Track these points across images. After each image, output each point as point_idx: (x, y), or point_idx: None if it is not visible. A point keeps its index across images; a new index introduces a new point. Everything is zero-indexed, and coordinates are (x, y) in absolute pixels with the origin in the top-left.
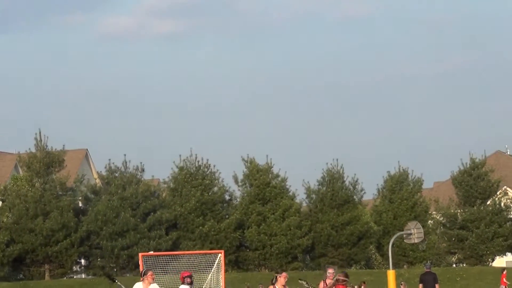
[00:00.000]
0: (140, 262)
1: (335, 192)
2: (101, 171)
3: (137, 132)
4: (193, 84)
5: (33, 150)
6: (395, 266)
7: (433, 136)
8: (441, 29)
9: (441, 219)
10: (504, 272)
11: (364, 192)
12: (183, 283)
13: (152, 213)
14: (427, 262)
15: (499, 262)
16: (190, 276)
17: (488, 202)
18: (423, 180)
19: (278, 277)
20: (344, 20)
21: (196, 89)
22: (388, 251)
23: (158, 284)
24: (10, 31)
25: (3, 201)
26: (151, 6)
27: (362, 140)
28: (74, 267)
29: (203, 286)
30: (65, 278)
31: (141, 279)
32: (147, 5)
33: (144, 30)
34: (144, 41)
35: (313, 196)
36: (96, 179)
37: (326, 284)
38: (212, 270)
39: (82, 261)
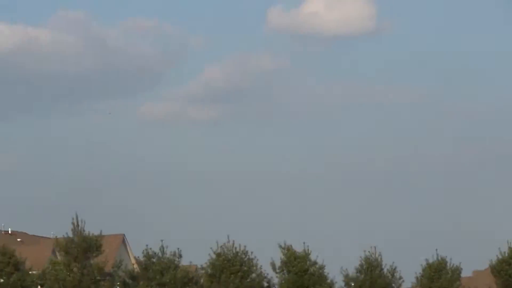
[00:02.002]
0: None
1: (373, 280)
2: (138, 256)
3: (174, 218)
4: (228, 169)
5: (70, 235)
6: None
7: (470, 222)
8: None
9: None
10: None
11: (403, 280)
12: None
13: None
14: None
15: None
16: None
17: None
18: (461, 269)
19: None
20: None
21: (231, 175)
22: None
23: None
24: (49, 115)
25: (41, 285)
26: (189, 94)
27: (400, 226)
28: None
29: None
30: None
31: None
32: (185, 93)
33: (182, 116)
34: (180, 126)
35: (352, 284)
36: (133, 264)
37: None
38: None
39: None
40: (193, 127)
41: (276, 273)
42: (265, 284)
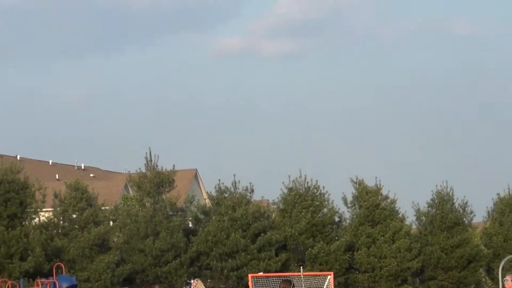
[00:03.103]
0: (250, 283)
1: (444, 215)
2: (210, 192)
3: (247, 152)
4: (301, 104)
5: (143, 170)
6: None
7: None
8: None
9: None
10: None
11: (474, 215)
12: None
13: (262, 234)
14: None
15: None
16: None
17: None
18: None
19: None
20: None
21: (301, 109)
22: (498, 274)
23: None
24: (122, 51)
25: (114, 221)
26: (265, 26)
27: (472, 161)
28: None
29: None
30: None
31: None
32: (260, 25)
33: (258, 50)
34: (257, 60)
35: (423, 218)
36: (206, 199)
37: None
38: None
39: (192, 281)
40: (268, 61)
41: (348, 207)
42: (337, 219)
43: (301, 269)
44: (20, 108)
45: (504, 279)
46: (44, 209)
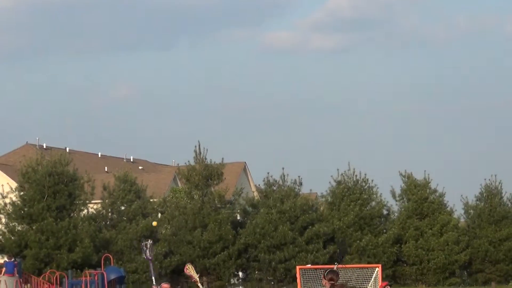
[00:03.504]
0: (298, 275)
1: (493, 208)
2: (259, 184)
3: (296, 146)
4: (350, 98)
5: (192, 163)
6: None
7: None
8: None
9: None
10: None
11: None
12: None
13: (310, 227)
14: None
15: None
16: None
17: None
18: None
19: None
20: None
21: (353, 104)
22: None
23: None
24: (173, 46)
25: (162, 213)
26: (314, 22)
27: None
28: (231, 280)
29: None
30: None
31: None
32: (310, 21)
33: (307, 45)
34: (306, 55)
35: (471, 211)
36: (254, 192)
37: None
38: (370, 284)
39: (240, 273)
40: (317, 56)
41: (396, 201)
42: (385, 212)
43: (336, 264)
44: (69, 100)
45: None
46: (92, 201)
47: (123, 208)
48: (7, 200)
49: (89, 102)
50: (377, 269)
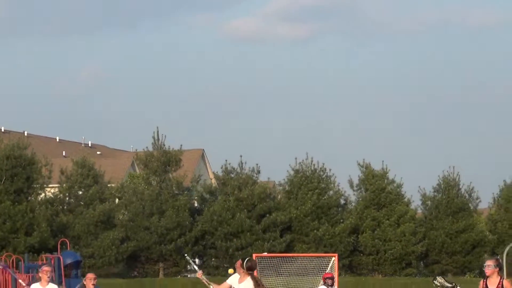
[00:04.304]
0: None
1: (450, 199)
2: (217, 172)
3: (254, 134)
4: (312, 85)
5: (151, 149)
6: (510, 275)
7: None
8: None
9: None
10: None
11: (480, 201)
12: (324, 284)
13: (267, 215)
14: None
15: None
16: (332, 278)
17: None
18: None
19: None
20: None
21: (314, 90)
22: (503, 260)
23: (271, 286)
24: (136, 28)
25: (119, 198)
26: (278, 10)
27: (479, 146)
28: (188, 266)
29: None
30: (179, 276)
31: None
32: (273, 9)
33: (269, 33)
34: (268, 43)
35: (428, 202)
36: (212, 179)
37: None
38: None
39: (197, 260)
40: (280, 44)
41: (354, 190)
42: (342, 202)
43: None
44: (28, 84)
45: (485, 264)
46: (50, 185)
47: (80, 193)
48: None
49: (48, 85)
50: (333, 258)
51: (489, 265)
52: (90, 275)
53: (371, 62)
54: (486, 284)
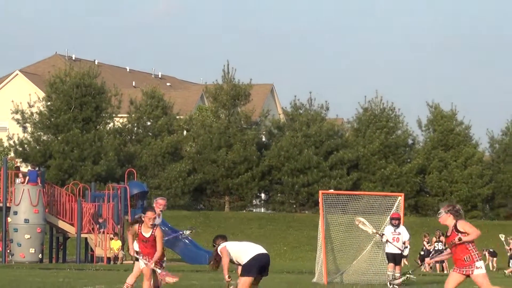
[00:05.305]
0: (320, 200)
1: None
2: (285, 107)
3: (323, 71)
4: (383, 26)
5: (220, 82)
6: None
7: None
8: None
9: None
10: None
11: None
12: (390, 223)
13: (334, 152)
14: None
15: None
16: (398, 218)
17: None
18: None
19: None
20: None
21: (387, 32)
22: None
23: (336, 224)
24: None
25: (187, 130)
26: None
27: None
28: (253, 201)
29: (381, 228)
30: (244, 211)
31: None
32: None
33: None
34: None
35: (496, 145)
36: (280, 114)
37: None
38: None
39: (262, 195)
40: None
41: (422, 131)
42: (410, 141)
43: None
44: (100, 12)
45: (438, 212)
46: (119, 115)
47: (149, 123)
48: (34, 110)
49: (120, 17)
50: (399, 198)
51: (440, 212)
52: (161, 201)
53: (446, 3)
54: (446, 234)
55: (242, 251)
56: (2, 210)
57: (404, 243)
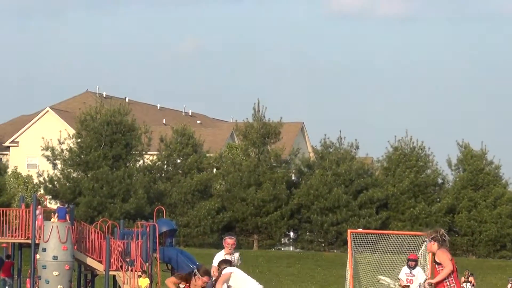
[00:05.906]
0: (349, 239)
1: None
2: (315, 146)
3: (353, 109)
4: (413, 67)
5: (250, 120)
6: None
7: None
8: None
9: None
10: None
11: None
12: (406, 265)
13: (364, 191)
14: None
15: None
16: (415, 260)
17: None
18: None
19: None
20: None
21: (417, 72)
22: None
23: (364, 263)
24: (240, 2)
25: (217, 168)
26: None
27: None
28: (282, 239)
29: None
30: (273, 249)
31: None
32: None
33: (374, 11)
34: (373, 21)
35: None
36: (310, 153)
37: None
38: (420, 252)
39: (291, 233)
40: (381, 22)
41: (452, 170)
42: (440, 181)
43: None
44: (132, 50)
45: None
46: (149, 152)
47: (179, 161)
48: (64, 147)
49: (151, 54)
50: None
51: (425, 241)
52: (229, 240)
53: (476, 44)
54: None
55: (245, 281)
56: (31, 247)
57: (419, 285)
